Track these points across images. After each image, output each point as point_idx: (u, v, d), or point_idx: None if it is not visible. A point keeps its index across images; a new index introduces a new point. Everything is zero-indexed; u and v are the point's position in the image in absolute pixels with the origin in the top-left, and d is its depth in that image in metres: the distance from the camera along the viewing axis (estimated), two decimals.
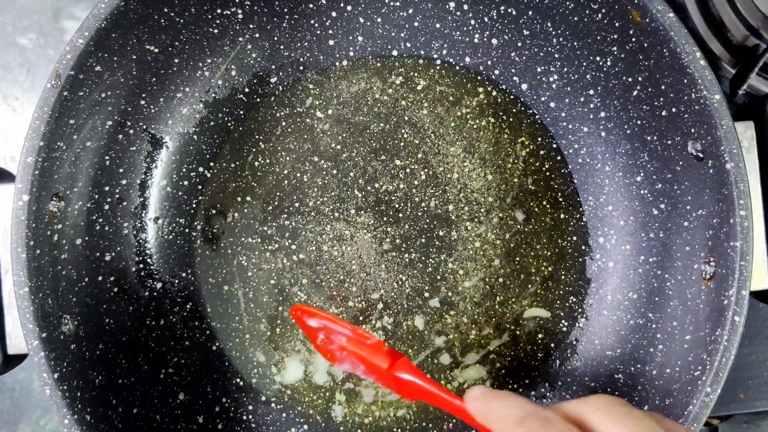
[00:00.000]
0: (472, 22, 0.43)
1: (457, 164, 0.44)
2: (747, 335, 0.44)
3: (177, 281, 0.43)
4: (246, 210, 0.44)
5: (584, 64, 0.41)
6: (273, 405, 0.43)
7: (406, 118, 0.44)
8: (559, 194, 0.44)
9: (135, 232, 0.43)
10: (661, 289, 0.40)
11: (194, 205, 0.44)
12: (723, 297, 0.35)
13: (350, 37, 0.44)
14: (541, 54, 0.43)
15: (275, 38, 0.43)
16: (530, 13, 0.41)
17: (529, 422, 0.27)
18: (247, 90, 0.44)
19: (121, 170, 0.42)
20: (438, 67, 0.44)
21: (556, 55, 0.42)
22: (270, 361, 0.43)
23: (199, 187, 0.44)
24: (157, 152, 0.43)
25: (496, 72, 0.44)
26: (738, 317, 0.34)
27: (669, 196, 0.40)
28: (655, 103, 0.39)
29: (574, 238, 0.44)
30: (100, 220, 0.41)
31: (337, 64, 0.44)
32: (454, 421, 0.43)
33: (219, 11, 0.41)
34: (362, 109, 0.44)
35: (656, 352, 0.39)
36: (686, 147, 0.37)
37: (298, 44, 0.44)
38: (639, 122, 0.40)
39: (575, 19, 0.40)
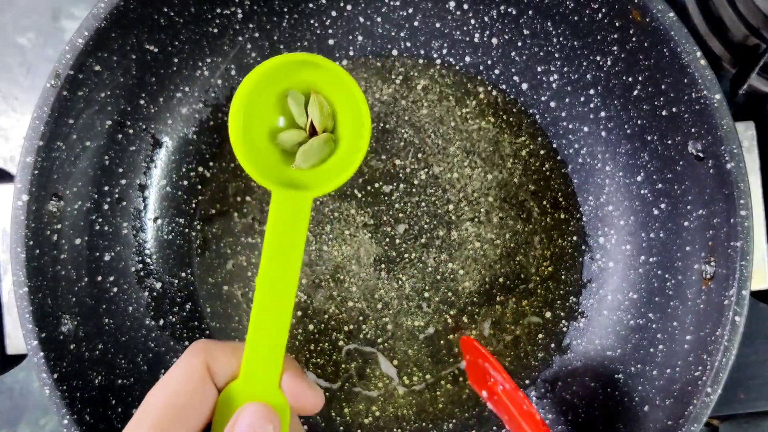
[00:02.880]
0: (472, 21, 0.43)
1: (457, 164, 0.44)
2: (747, 335, 0.44)
3: (176, 281, 0.43)
4: (246, 210, 0.44)
5: (584, 63, 0.41)
6: None
7: (406, 118, 0.44)
8: (559, 194, 0.44)
9: (134, 232, 0.43)
10: (661, 289, 0.40)
11: (194, 205, 0.44)
12: (723, 297, 0.35)
13: (350, 37, 0.44)
14: (541, 54, 0.43)
15: (275, 38, 0.43)
16: (530, 12, 0.41)
17: None
18: None
19: (120, 170, 0.42)
20: (438, 67, 0.44)
21: (556, 55, 0.42)
22: None
23: (199, 187, 0.44)
24: (157, 152, 0.43)
25: (496, 72, 0.44)
26: (738, 317, 0.34)
27: (669, 196, 0.40)
28: (656, 103, 0.39)
29: (574, 238, 0.44)
30: (100, 220, 0.41)
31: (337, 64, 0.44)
32: (454, 421, 0.43)
33: (219, 11, 0.41)
34: None
35: (656, 352, 0.39)
36: (686, 147, 0.37)
37: (298, 44, 0.44)
38: (639, 122, 0.40)
39: (575, 18, 0.40)
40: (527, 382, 0.43)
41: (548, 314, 0.44)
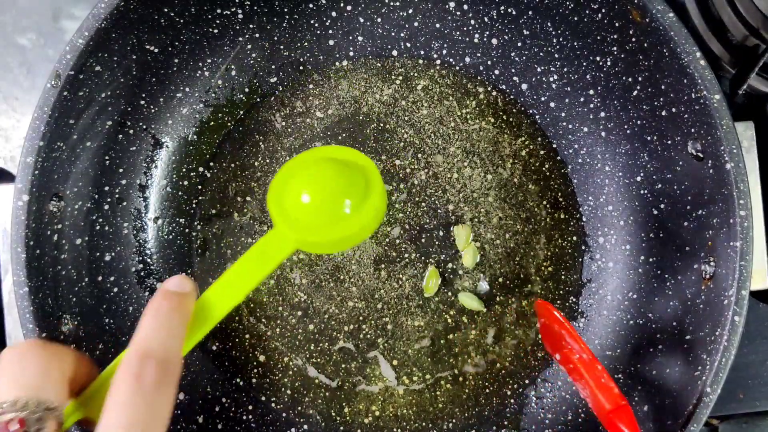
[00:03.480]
0: (472, 22, 0.43)
1: (457, 164, 0.44)
2: (747, 335, 0.44)
3: None
4: (246, 210, 0.44)
5: (584, 64, 0.41)
6: (273, 405, 0.43)
7: (406, 118, 0.44)
8: (559, 194, 0.44)
9: (135, 232, 0.43)
10: (661, 289, 0.40)
11: (194, 205, 0.44)
12: (723, 297, 0.35)
13: (350, 37, 0.44)
14: (541, 54, 0.43)
15: (275, 38, 0.43)
16: (530, 13, 0.41)
17: None
18: (247, 90, 0.44)
19: (121, 170, 0.42)
20: (438, 67, 0.44)
21: (556, 55, 0.42)
22: (270, 361, 0.43)
23: (199, 187, 0.44)
24: (157, 152, 0.43)
25: (496, 72, 0.44)
26: (738, 317, 0.34)
27: (669, 196, 0.40)
28: (655, 103, 0.39)
29: (574, 238, 0.44)
30: (100, 220, 0.41)
31: (337, 64, 0.44)
32: (454, 421, 0.43)
33: (219, 11, 0.41)
34: (362, 109, 0.44)
35: (656, 352, 0.39)
36: (686, 147, 0.37)
37: (298, 44, 0.44)
38: (639, 122, 0.40)
39: (575, 19, 0.40)
40: (527, 381, 0.43)
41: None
